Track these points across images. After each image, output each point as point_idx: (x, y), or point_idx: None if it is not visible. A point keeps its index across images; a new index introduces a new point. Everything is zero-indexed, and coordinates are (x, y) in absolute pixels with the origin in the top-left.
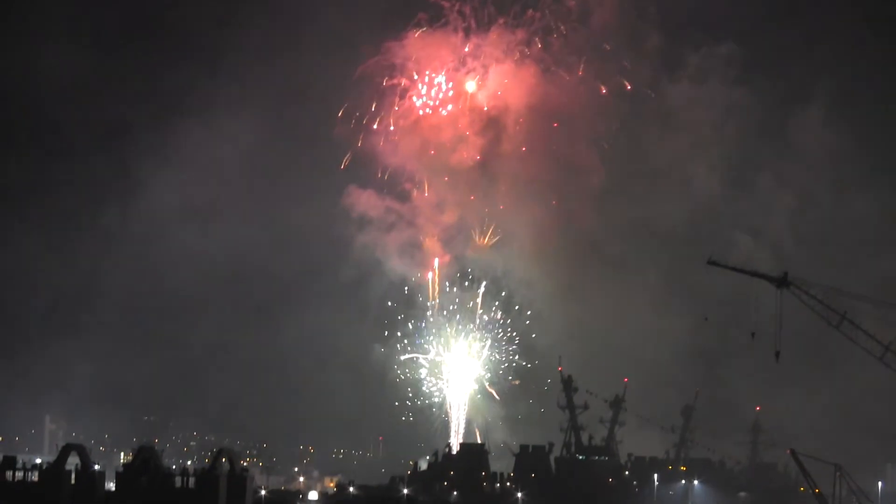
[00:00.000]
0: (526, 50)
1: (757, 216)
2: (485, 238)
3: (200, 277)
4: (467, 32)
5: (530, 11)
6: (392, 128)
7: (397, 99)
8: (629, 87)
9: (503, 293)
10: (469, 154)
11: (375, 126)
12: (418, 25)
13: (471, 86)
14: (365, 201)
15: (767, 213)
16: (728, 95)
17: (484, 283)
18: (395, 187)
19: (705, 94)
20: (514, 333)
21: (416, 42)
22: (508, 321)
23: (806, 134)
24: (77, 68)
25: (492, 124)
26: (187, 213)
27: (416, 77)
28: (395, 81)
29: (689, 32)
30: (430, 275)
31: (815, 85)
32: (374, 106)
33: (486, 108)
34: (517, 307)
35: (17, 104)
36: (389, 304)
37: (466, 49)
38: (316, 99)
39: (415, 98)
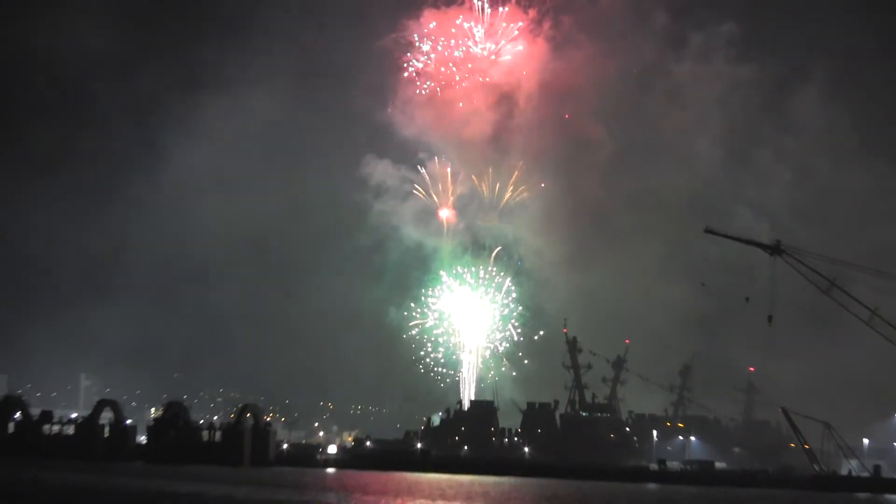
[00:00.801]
0: (538, 28)
1: (756, 189)
2: (507, 195)
3: (226, 243)
4: (481, 11)
5: None
6: (407, 101)
7: (413, 74)
8: (636, 65)
9: (514, 258)
10: (482, 128)
11: (392, 99)
12: (434, 4)
13: (484, 62)
14: (381, 171)
15: (766, 186)
16: (731, 73)
17: (496, 249)
18: (410, 158)
19: (709, 72)
20: (521, 297)
21: (432, 19)
22: (517, 284)
23: (804, 110)
24: (109, 42)
25: (504, 99)
26: (213, 182)
27: (431, 54)
28: (410, 57)
29: (693, 11)
30: (443, 241)
31: (815, 63)
32: (390, 80)
33: (498, 84)
34: (525, 273)
35: (51, 76)
36: (405, 268)
37: (480, 27)
38: (335, 74)
39: (429, 73)
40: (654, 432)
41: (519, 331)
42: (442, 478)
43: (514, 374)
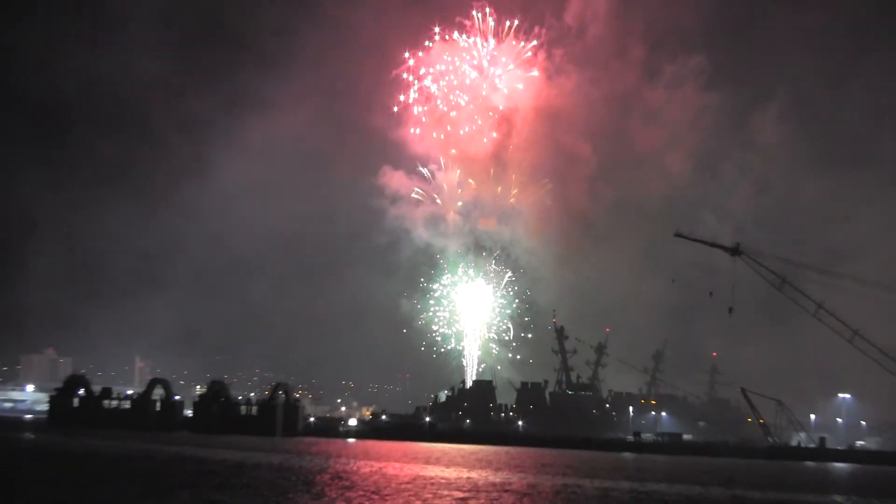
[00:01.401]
0: (533, 59)
1: (721, 198)
2: (505, 203)
3: (261, 242)
4: (484, 44)
5: (537, 28)
6: (420, 119)
7: (423, 97)
8: (617, 91)
9: (511, 258)
10: (484, 145)
11: (405, 119)
12: (444, 38)
13: (486, 88)
14: (396, 180)
15: (730, 196)
16: (699, 98)
17: (496, 250)
18: (421, 170)
19: (680, 97)
20: (517, 290)
21: (442, 51)
22: (513, 280)
23: (764, 130)
24: (164, 69)
25: (503, 121)
26: (251, 189)
27: (440, 80)
28: (421, 80)
29: (667, 45)
30: (449, 242)
31: (773, 89)
32: (404, 101)
33: (499, 107)
34: (521, 270)
35: (113, 98)
36: (416, 265)
37: (484, 50)
38: (356, 95)
39: (438, 96)
40: (631, 408)
41: (512, 321)
42: (446, 447)
43: (510, 356)
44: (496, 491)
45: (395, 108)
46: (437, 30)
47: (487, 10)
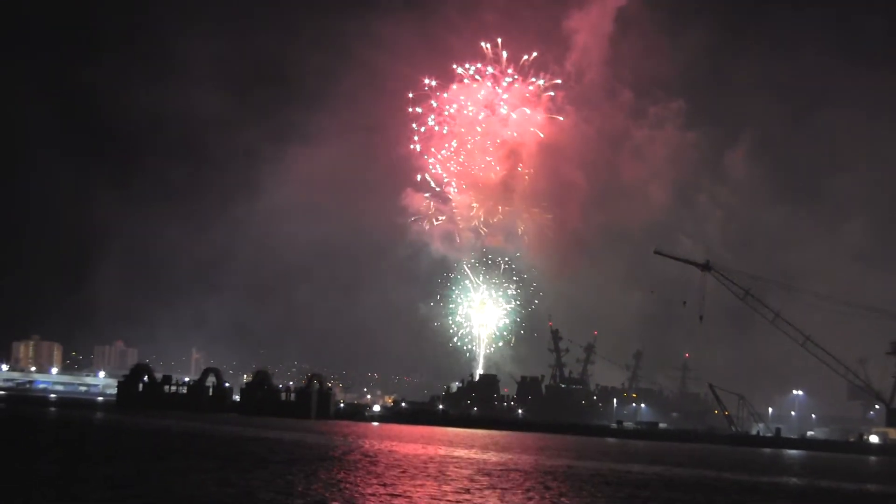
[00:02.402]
0: (538, 100)
1: (695, 223)
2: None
3: (302, 253)
4: (495, 85)
5: (542, 73)
6: (438, 149)
7: (442, 131)
8: (607, 129)
9: (514, 270)
10: (493, 172)
11: (425, 149)
12: (460, 80)
13: (497, 123)
14: (417, 201)
15: (703, 222)
16: (678, 136)
17: (502, 265)
18: (439, 193)
19: (662, 135)
20: (519, 298)
21: (458, 90)
22: (516, 290)
23: (733, 166)
24: (219, 104)
25: (510, 152)
26: (294, 208)
27: (457, 116)
28: (441, 118)
29: (651, 91)
30: (462, 255)
31: (742, 129)
32: (426, 133)
33: (507, 140)
34: (523, 281)
35: (177, 128)
36: (433, 275)
37: (499, 89)
38: (384, 129)
39: (455, 131)
40: (614, 400)
41: (515, 324)
42: (457, 430)
43: (512, 354)
44: (506, 469)
45: (417, 140)
46: (457, 69)
47: (503, 53)
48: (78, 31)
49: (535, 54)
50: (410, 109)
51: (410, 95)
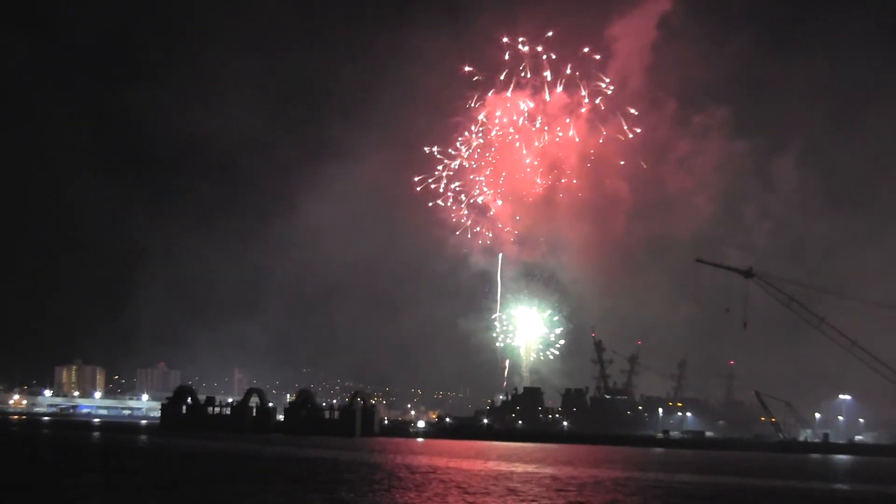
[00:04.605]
0: (578, 109)
1: (743, 235)
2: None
3: (343, 271)
4: (535, 95)
5: (583, 82)
6: (479, 161)
7: (482, 143)
8: (651, 139)
9: (555, 281)
10: (535, 184)
11: (467, 162)
12: (500, 91)
13: (538, 135)
14: (457, 215)
15: (751, 233)
16: (724, 146)
17: (545, 277)
18: (479, 206)
19: (707, 145)
20: (562, 311)
21: (498, 102)
22: (560, 303)
23: (782, 174)
24: (255, 122)
25: (553, 164)
26: (333, 225)
27: (497, 128)
28: (480, 129)
29: (695, 98)
30: (500, 267)
31: (790, 137)
32: (463, 146)
33: (548, 151)
34: (567, 294)
35: (213, 148)
36: (473, 288)
37: (536, 106)
38: (422, 142)
39: (496, 144)
40: (660, 410)
41: (558, 337)
42: (503, 444)
43: (556, 366)
44: (565, 483)
45: (456, 153)
46: (497, 80)
47: (544, 62)
48: (116, 54)
49: (576, 63)
50: (449, 121)
51: (449, 107)
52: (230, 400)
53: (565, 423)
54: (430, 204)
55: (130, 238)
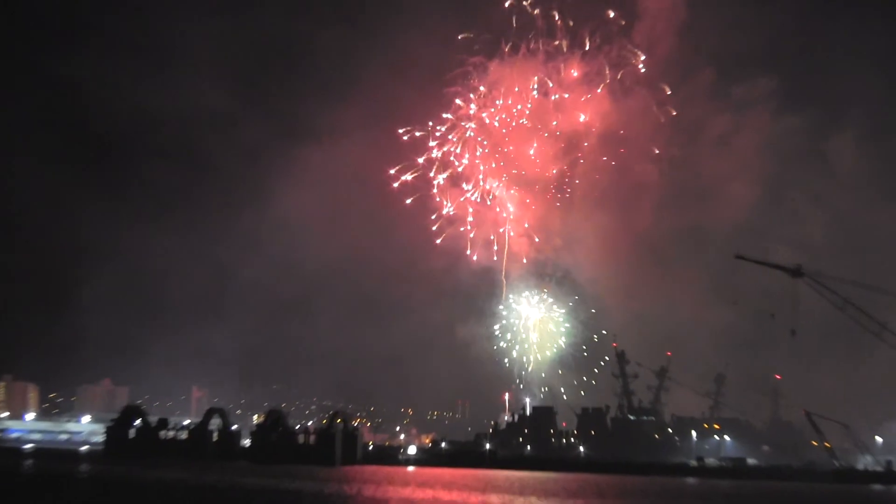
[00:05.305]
0: (599, 79)
1: (792, 227)
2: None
3: (321, 269)
4: (548, 63)
5: (605, 47)
6: (477, 140)
7: (485, 119)
8: (684, 114)
9: (572, 283)
10: (546, 167)
11: (462, 140)
12: (507, 58)
13: (551, 110)
14: (452, 199)
15: (801, 224)
16: (770, 122)
17: (558, 275)
18: (481, 192)
19: (749, 121)
20: (578, 315)
21: (502, 68)
22: (575, 305)
23: (838, 156)
24: (219, 98)
25: (568, 143)
26: (309, 217)
27: (497, 100)
28: (483, 103)
29: (736, 64)
30: (504, 264)
31: (848, 112)
32: (463, 123)
33: (563, 129)
34: (582, 296)
35: (171, 129)
36: (474, 289)
37: (546, 75)
38: (414, 119)
39: (498, 116)
40: (693, 433)
41: (573, 346)
42: (508, 474)
43: (571, 381)
44: None
45: (454, 131)
46: (504, 45)
47: (558, 23)
48: (58, 18)
49: (595, 26)
50: (444, 91)
51: (444, 74)
52: (187, 422)
53: (582, 449)
54: (418, 195)
55: (72, 231)
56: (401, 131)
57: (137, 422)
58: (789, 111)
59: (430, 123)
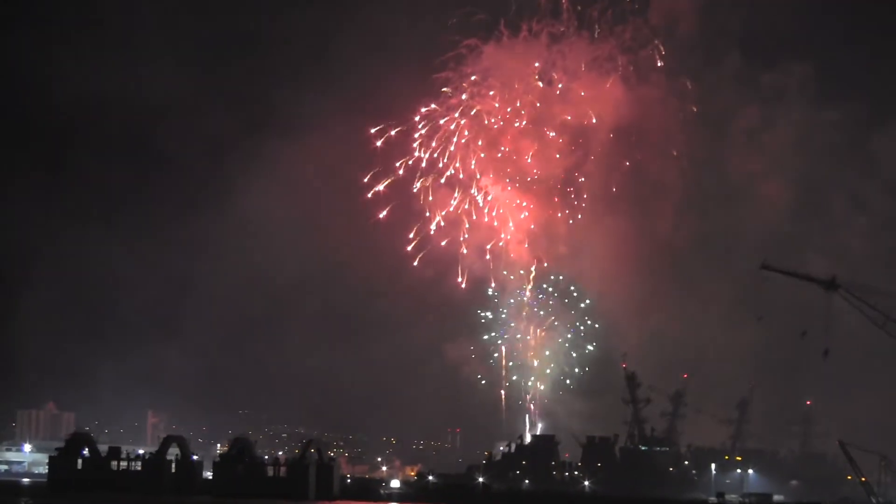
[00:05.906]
0: (610, 64)
1: (830, 234)
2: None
3: (292, 279)
4: (552, 46)
5: (617, 27)
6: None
7: (479, 110)
8: (707, 106)
9: (576, 296)
10: (548, 165)
11: (456, 136)
12: (504, 40)
13: (554, 100)
14: (441, 199)
15: (841, 231)
16: (806, 115)
17: (559, 289)
18: (473, 194)
19: (782, 114)
20: (584, 333)
21: (502, 55)
22: (580, 322)
23: (885, 154)
24: (176, 85)
25: (575, 138)
26: (279, 220)
27: (491, 90)
28: (477, 92)
29: (766, 48)
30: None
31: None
32: (452, 114)
33: (569, 122)
34: (589, 310)
35: (118, 115)
36: (465, 303)
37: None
38: (396, 109)
39: (492, 107)
40: (713, 465)
41: (579, 367)
42: None
43: (574, 407)
44: None
45: (442, 125)
46: (501, 27)
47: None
48: None
49: (607, 2)
50: (434, 82)
51: (432, 58)
52: (142, 451)
53: (587, 483)
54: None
55: (8, 235)
56: (373, 131)
57: (85, 451)
58: (827, 102)
59: (416, 119)
